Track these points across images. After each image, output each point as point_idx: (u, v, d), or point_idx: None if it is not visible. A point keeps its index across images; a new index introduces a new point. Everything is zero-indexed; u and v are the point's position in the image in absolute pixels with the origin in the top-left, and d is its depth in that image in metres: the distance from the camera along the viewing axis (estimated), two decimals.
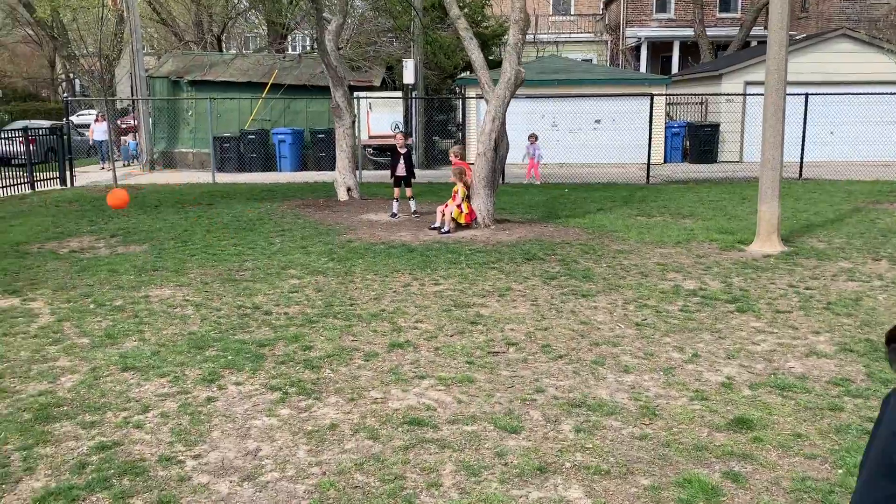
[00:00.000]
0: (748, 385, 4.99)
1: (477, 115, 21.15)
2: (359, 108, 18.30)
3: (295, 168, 20.24)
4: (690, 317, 6.49)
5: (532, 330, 6.15)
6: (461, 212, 10.58)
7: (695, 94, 23.15)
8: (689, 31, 31.63)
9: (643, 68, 32.72)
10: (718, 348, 5.72)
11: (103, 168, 20.09)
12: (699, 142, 21.43)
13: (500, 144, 10.79)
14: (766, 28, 32.71)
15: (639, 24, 34.00)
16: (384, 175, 14.77)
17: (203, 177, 18.55)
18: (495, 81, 10.92)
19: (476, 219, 10.73)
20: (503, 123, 10.77)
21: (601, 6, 37.88)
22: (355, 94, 18.46)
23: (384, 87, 21.83)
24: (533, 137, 17.27)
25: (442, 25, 22.70)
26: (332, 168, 19.47)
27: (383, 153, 20.15)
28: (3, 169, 16.62)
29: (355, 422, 4.46)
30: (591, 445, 4.14)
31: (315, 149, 20.54)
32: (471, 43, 10.97)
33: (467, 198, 10.65)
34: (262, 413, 4.58)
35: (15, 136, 18.32)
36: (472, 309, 6.75)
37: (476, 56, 10.93)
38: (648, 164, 17.40)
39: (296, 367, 5.34)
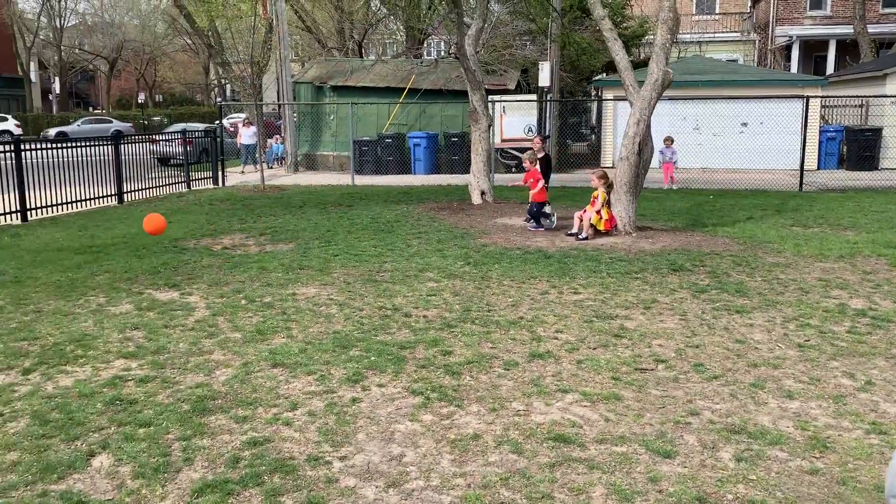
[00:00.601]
0: None
1: (614, 117, 20.62)
2: (493, 112, 18.27)
3: (429, 171, 20.51)
4: (860, 339, 5.92)
5: (682, 347, 5.82)
6: (600, 218, 10.26)
7: (855, 96, 21.46)
8: (847, 29, 29.42)
9: (794, 69, 30.77)
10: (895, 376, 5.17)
11: (243, 172, 21.06)
12: (858, 147, 19.86)
13: (644, 148, 10.38)
14: None
15: (790, 23, 32.00)
16: (516, 178, 14.63)
17: (343, 179, 19.14)
18: (639, 83, 10.52)
19: (616, 226, 10.38)
20: (648, 126, 10.36)
21: (749, 4, 35.98)
22: (490, 97, 18.46)
23: (519, 90, 21.71)
24: (668, 140, 16.63)
25: (580, 27, 22.29)
26: (465, 171, 19.59)
27: (516, 157, 20.03)
28: (163, 168, 17.89)
29: (498, 433, 4.35)
30: (754, 477, 3.82)
31: (448, 152, 20.73)
32: (615, 44, 10.63)
33: (607, 203, 10.32)
34: (405, 417, 4.56)
35: (174, 138, 19.68)
36: (615, 321, 6.48)
37: (620, 57, 10.58)
38: (802, 171, 16.28)
39: (436, 371, 5.31)
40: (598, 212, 10.28)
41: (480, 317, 6.60)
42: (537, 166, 11.52)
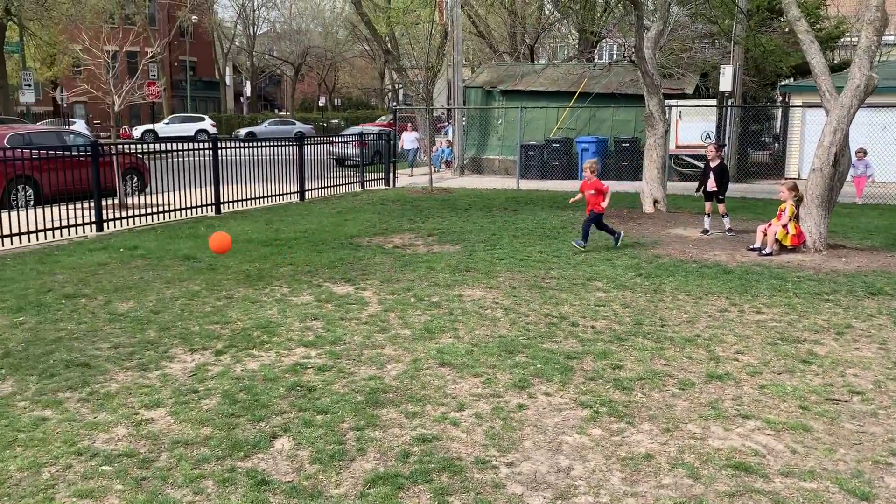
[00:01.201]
0: None
1: (802, 125, 19.20)
2: (669, 117, 17.59)
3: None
4: None
5: (882, 378, 5.26)
6: (787, 233, 9.56)
7: None
8: None
9: None
10: None
11: (410, 175, 21.65)
12: None
13: (840, 160, 9.55)
14: None
15: None
16: (689, 187, 14.00)
17: (508, 183, 19.22)
18: (837, 89, 9.69)
19: (804, 242, 9.62)
20: (846, 136, 9.52)
21: None
22: (666, 101, 17.80)
23: (696, 94, 20.78)
24: (861, 153, 15.21)
25: (767, 28, 20.95)
26: (633, 178, 19.04)
27: (692, 165, 19.18)
28: (340, 169, 18.84)
29: (672, 455, 4.14)
30: None
31: (617, 158, 20.23)
32: (811, 47, 9.86)
33: (796, 217, 9.59)
34: (573, 429, 4.46)
35: (350, 140, 20.66)
36: (802, 345, 5.99)
37: (817, 61, 9.79)
38: None
39: (605, 385, 5.15)
40: (785, 226, 9.58)
41: (653, 331, 6.34)
42: (717, 176, 10.92)
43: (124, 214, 12.27)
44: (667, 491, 3.75)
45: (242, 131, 42.49)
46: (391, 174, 19.28)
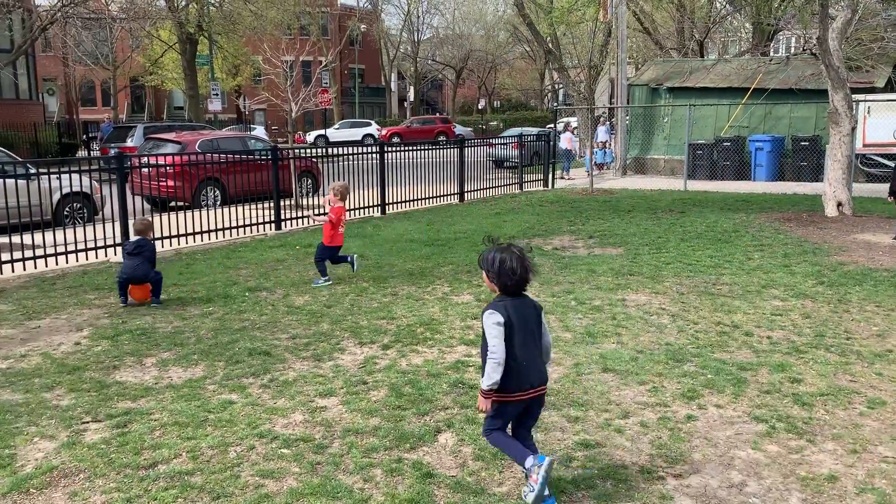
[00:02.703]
0: None
1: None
2: (856, 113, 16.18)
3: (771, 178, 18.90)
4: None
5: None
6: None
7: None
8: None
9: None
10: None
11: (562, 177, 21.20)
12: None
13: None
14: None
15: None
16: (879, 189, 12.78)
17: (673, 183, 18.51)
18: None
19: None
20: None
21: None
22: (853, 96, 16.39)
23: (889, 88, 18.95)
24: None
25: None
26: (813, 179, 17.69)
27: (882, 165, 17.55)
28: (498, 170, 18.99)
29: (860, 479, 3.80)
30: None
31: (795, 157, 18.88)
32: None
33: None
34: (746, 444, 4.22)
35: (509, 142, 20.76)
36: None
37: None
38: None
39: (783, 399, 4.82)
40: None
41: (837, 344, 5.86)
42: None
43: (300, 214, 13.07)
44: None
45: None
46: (550, 175, 19.17)
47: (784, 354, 5.66)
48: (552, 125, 22.07)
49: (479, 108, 67.45)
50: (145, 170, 12.22)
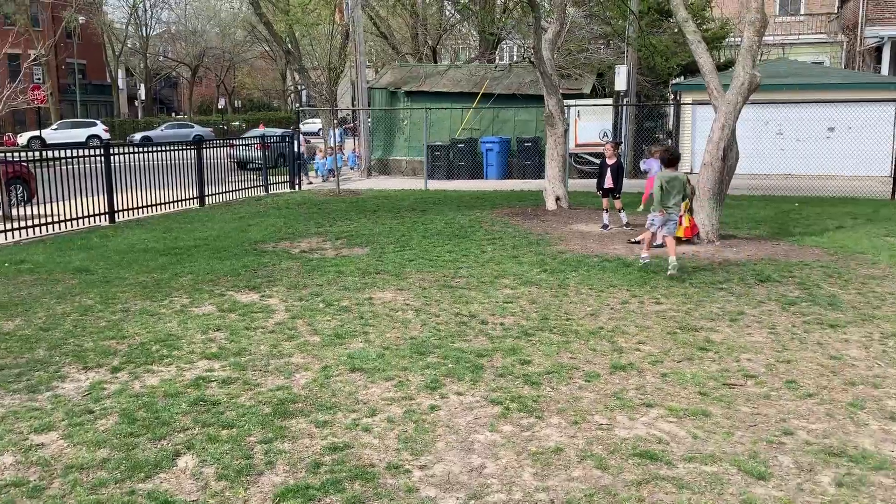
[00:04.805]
0: None
1: (693, 122, 20.08)
2: (568, 116, 18.05)
3: (500, 176, 20.41)
4: None
5: (773, 362, 5.55)
6: (681, 225, 9.95)
7: None
8: None
9: (885, 71, 29.32)
10: None
11: (311, 182, 20.73)
12: None
13: (728, 154, 10.03)
14: None
15: (881, 23, 30.48)
16: (589, 184, 14.40)
17: (415, 183, 19.24)
18: (723, 87, 10.18)
19: (698, 233, 10.06)
20: (733, 132, 10.01)
21: (836, 4, 34.54)
22: (565, 101, 18.27)
23: (594, 94, 21.41)
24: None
25: (657, 29, 21.81)
26: (537, 176, 19.42)
27: (590, 162, 19.74)
28: (242, 172, 18.36)
29: (581, 447, 4.22)
30: None
31: (521, 157, 20.60)
32: (699, 47, 10.32)
33: (689, 210, 10.01)
34: (484, 427, 4.49)
35: (252, 143, 20.18)
36: (700, 333, 6.25)
37: (704, 60, 10.26)
38: (895, 178, 15.46)
39: (515, 381, 5.21)
40: (679, 218, 9.97)
41: (559, 325, 6.47)
42: (614, 173, 11.29)
43: (9, 227, 11.53)
44: (577, 483, 3.82)
45: (137, 136, 40.79)
46: (296, 177, 18.94)
47: (515, 339, 6.13)
48: (295, 126, 21.80)
49: (220, 107, 64.70)
50: None
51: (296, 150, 20.45)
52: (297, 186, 18.83)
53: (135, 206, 13.59)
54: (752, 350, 5.81)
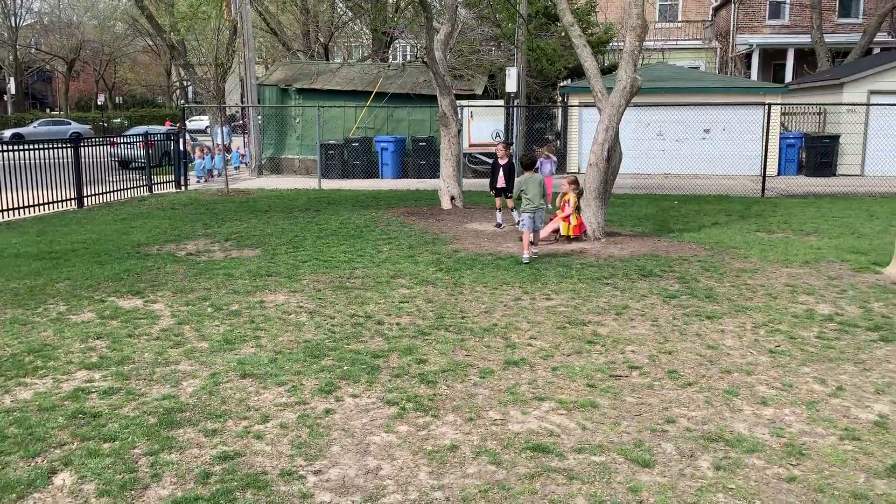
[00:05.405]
0: None
1: (580, 123, 20.76)
2: (461, 117, 18.26)
3: (396, 175, 20.41)
4: (829, 345, 5.99)
5: (655, 353, 5.82)
6: (569, 224, 10.27)
7: (813, 104, 21.92)
8: (805, 38, 30.11)
9: (754, 76, 31.35)
10: (865, 381, 5.23)
11: (198, 180, 20.10)
12: (816, 154, 20.27)
13: (612, 154, 10.43)
14: (890, 34, 30.52)
15: (750, 31, 32.59)
16: (483, 183, 14.67)
17: (309, 182, 18.94)
18: (607, 90, 10.57)
19: (585, 231, 10.40)
20: (617, 133, 10.41)
21: (710, 12, 36.60)
22: (458, 102, 18.47)
23: (486, 95, 21.75)
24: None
25: (546, 33, 22.41)
26: (432, 176, 19.55)
27: (484, 162, 20.05)
28: (124, 172, 17.51)
29: (476, 444, 4.28)
30: (733, 486, 3.81)
31: (416, 156, 20.67)
32: (584, 51, 10.67)
33: (577, 209, 10.34)
34: (380, 429, 4.47)
35: (135, 141, 19.28)
36: (587, 327, 6.47)
37: (589, 64, 10.62)
38: (764, 177, 16.56)
39: (411, 381, 5.22)
40: (568, 217, 10.29)
41: (454, 324, 6.53)
42: (506, 172, 11.54)
43: None
44: (472, 480, 3.87)
45: (7, 133, 38.13)
46: (183, 176, 18.24)
47: (411, 338, 6.14)
48: (181, 123, 20.97)
49: (99, 104, 61.37)
50: None
51: (182, 148, 19.69)
52: (183, 186, 18.14)
53: (4, 207, 12.70)
54: (637, 342, 6.07)
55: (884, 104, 18.48)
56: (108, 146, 19.87)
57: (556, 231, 10.23)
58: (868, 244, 10.11)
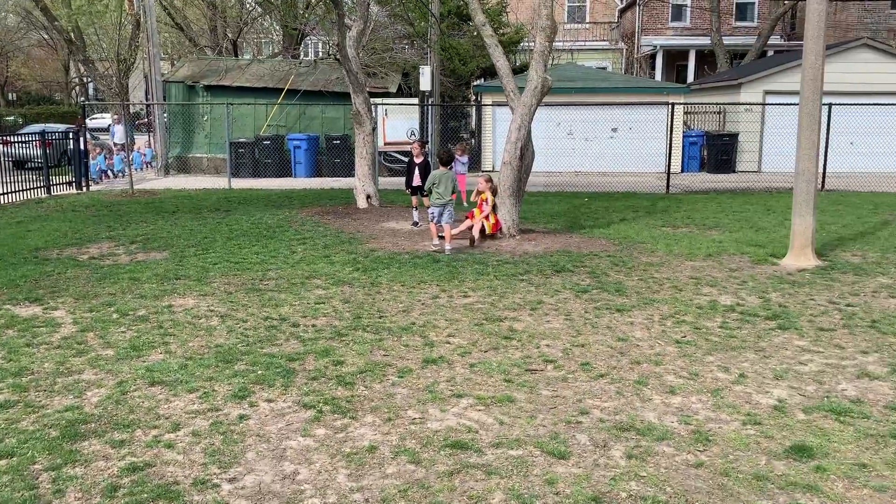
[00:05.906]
0: (801, 409, 4.78)
1: (493, 122, 21.02)
2: (375, 115, 18.17)
3: (310, 174, 20.13)
4: (731, 334, 6.28)
5: (569, 346, 5.95)
6: (488, 221, 10.37)
7: (713, 104, 22.93)
8: (705, 40, 31.44)
9: (658, 77, 32.51)
10: (765, 368, 5.51)
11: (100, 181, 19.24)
12: (717, 151, 21.22)
13: (525, 153, 10.60)
14: (783, 38, 32.36)
15: (654, 33, 33.80)
16: (399, 182, 14.65)
17: (218, 182, 18.43)
18: (519, 89, 10.74)
19: (500, 228, 10.54)
20: (529, 132, 10.59)
21: (616, 14, 37.72)
22: (372, 100, 18.36)
23: (400, 93, 21.72)
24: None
25: (458, 32, 22.58)
26: (347, 174, 19.38)
27: (399, 160, 20.02)
28: (19, 172, 16.56)
29: (395, 444, 4.27)
30: (645, 474, 3.94)
31: (330, 155, 20.44)
32: (496, 50, 10.80)
33: (494, 207, 10.45)
34: (296, 433, 4.40)
35: (31, 140, 18.27)
36: (504, 323, 6.56)
37: (501, 63, 10.76)
38: (668, 174, 17.20)
39: (328, 383, 5.16)
40: (487, 216, 10.39)
41: (372, 324, 6.49)
42: (422, 171, 11.57)
43: None
44: (391, 480, 3.86)
45: None
46: (83, 177, 17.42)
47: (328, 340, 6.07)
48: (81, 121, 19.98)
49: None
50: None
51: (82, 147, 18.79)
52: (84, 187, 17.33)
53: None
54: (551, 336, 6.19)
55: (778, 104, 19.51)
56: (2, 145, 18.76)
57: (482, 231, 10.26)
58: (766, 237, 10.66)
